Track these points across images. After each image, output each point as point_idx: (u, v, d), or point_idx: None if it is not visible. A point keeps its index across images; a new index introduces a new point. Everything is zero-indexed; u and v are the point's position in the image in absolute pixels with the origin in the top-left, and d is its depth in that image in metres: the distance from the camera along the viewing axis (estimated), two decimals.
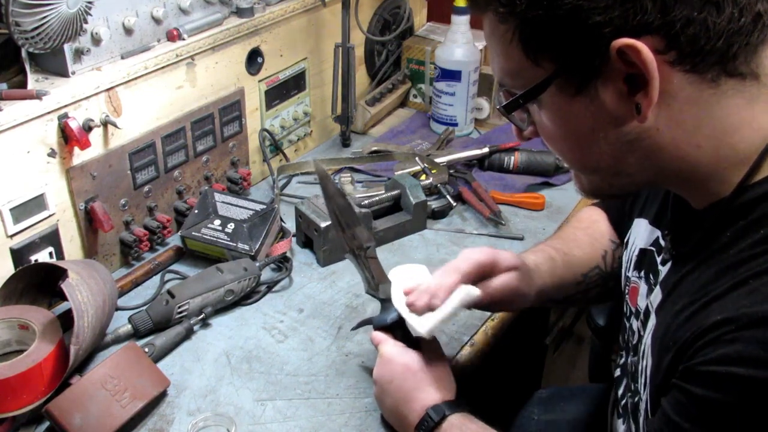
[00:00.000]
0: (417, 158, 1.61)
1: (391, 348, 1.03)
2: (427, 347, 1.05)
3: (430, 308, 0.99)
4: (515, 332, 1.31)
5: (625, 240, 1.03)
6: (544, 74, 0.73)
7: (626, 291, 1.00)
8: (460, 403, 0.97)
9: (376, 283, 1.09)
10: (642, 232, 0.96)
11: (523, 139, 0.85)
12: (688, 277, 0.79)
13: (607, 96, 0.71)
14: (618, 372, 1.03)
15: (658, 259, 0.88)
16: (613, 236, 1.16)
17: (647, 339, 0.85)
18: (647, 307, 0.88)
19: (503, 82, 0.79)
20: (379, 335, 1.06)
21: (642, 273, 0.93)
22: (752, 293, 0.68)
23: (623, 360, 1.01)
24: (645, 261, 0.93)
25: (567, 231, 1.21)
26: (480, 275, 1.03)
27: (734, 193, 0.74)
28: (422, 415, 0.96)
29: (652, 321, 0.84)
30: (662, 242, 0.89)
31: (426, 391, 0.98)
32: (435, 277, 1.02)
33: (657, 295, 0.85)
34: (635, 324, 0.94)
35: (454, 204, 1.53)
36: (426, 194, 1.49)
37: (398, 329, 1.06)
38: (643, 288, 0.92)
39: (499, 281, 1.04)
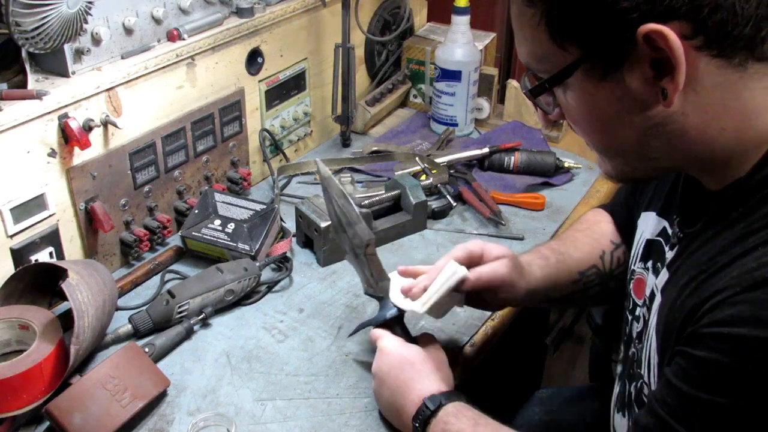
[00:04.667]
0: (417, 158, 1.61)
1: (389, 341, 1.05)
2: (424, 341, 1.06)
3: (424, 291, 1.06)
4: (515, 332, 1.31)
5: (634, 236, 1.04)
6: (570, 59, 0.73)
7: (630, 285, 1.00)
8: (457, 394, 0.98)
9: (376, 281, 1.10)
10: (649, 225, 0.96)
11: (548, 122, 0.85)
12: (696, 253, 0.79)
13: (633, 81, 0.71)
14: (620, 368, 1.03)
15: (666, 247, 0.89)
16: (615, 237, 1.16)
17: (652, 320, 0.85)
18: (652, 290, 0.88)
19: (529, 66, 0.79)
20: (378, 331, 1.08)
21: (648, 264, 0.93)
22: (759, 258, 0.68)
23: (623, 355, 1.01)
24: (652, 251, 0.93)
25: (567, 233, 1.22)
26: (469, 261, 1.07)
27: (751, 172, 0.74)
28: (419, 405, 0.96)
29: (658, 301, 0.85)
30: (670, 231, 0.89)
31: (423, 381, 0.98)
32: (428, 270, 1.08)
33: (663, 276, 0.86)
34: (639, 312, 0.94)
35: (454, 204, 1.53)
36: (426, 194, 1.49)
37: (396, 325, 1.09)
38: (649, 279, 0.92)
39: (488, 266, 1.07)
